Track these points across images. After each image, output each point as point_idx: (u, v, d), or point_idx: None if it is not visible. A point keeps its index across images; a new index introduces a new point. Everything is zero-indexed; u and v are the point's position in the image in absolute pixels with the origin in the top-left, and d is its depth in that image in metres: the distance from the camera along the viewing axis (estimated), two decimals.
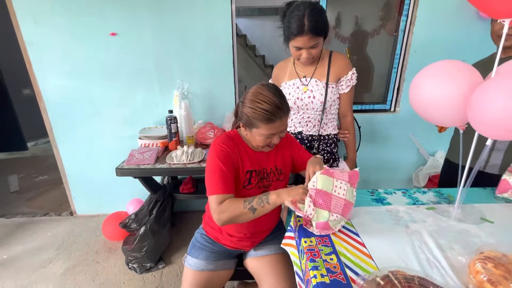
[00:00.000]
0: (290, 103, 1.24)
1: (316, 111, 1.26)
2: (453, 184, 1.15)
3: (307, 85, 1.25)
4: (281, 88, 1.33)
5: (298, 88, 1.26)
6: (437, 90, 0.82)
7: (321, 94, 1.23)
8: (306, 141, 1.32)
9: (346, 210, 0.83)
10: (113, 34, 1.84)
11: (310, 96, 1.24)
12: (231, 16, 1.86)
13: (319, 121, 1.28)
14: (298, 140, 1.27)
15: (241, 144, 0.97)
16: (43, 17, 1.79)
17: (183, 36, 1.88)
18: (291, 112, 1.28)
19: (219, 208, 0.86)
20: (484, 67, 0.91)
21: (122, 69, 1.94)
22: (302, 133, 1.31)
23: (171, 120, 1.70)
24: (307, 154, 1.07)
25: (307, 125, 1.30)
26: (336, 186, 0.82)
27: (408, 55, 2.04)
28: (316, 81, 1.24)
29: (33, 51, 1.85)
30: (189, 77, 1.95)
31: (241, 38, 5.12)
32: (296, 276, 0.85)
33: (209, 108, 2.07)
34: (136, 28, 1.85)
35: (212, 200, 0.88)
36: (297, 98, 1.26)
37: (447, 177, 1.43)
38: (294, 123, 1.32)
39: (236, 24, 1.94)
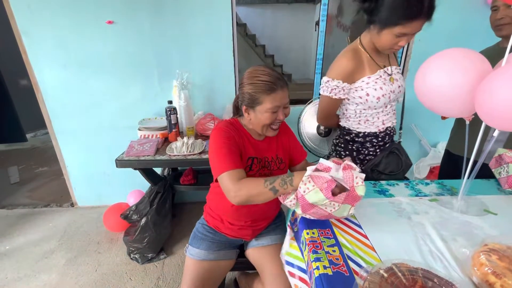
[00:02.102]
0: (384, 99, 1.06)
1: (398, 100, 1.17)
2: (453, 175, 1.15)
3: (391, 74, 1.10)
4: (364, 84, 1.06)
5: (385, 80, 1.07)
6: (444, 78, 0.79)
7: (403, 81, 1.13)
8: (392, 134, 1.21)
9: (325, 218, 0.81)
10: (109, 22, 1.79)
11: (400, 85, 1.10)
12: (231, 4, 1.81)
13: (394, 110, 1.18)
14: (387, 137, 1.17)
15: (242, 132, 0.97)
16: (38, 5, 1.74)
17: (182, 24, 1.83)
18: (379, 110, 1.11)
19: (236, 185, 0.80)
20: (490, 55, 0.88)
21: (120, 59, 1.90)
22: (390, 127, 1.18)
23: (171, 111, 1.68)
24: (301, 148, 1.11)
25: (394, 117, 1.18)
26: (326, 204, 0.74)
27: (412, 44, 2.00)
28: (396, 68, 1.12)
29: (28, 40, 1.81)
30: (189, 67, 1.91)
31: (241, 27, 5.03)
32: (287, 265, 0.85)
33: (209, 98, 2.04)
34: (133, 16, 1.80)
35: (225, 178, 0.82)
36: (391, 91, 1.07)
37: (447, 168, 1.43)
38: (383, 120, 1.13)
39: (236, 12, 1.89)
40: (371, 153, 1.18)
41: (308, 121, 1.75)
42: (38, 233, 2.01)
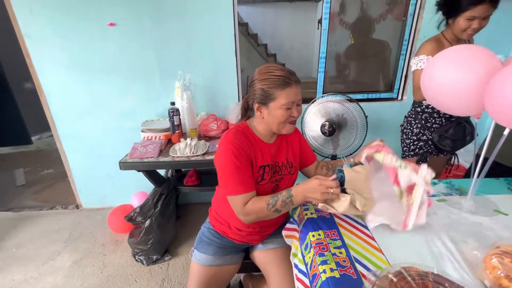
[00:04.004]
0: None
1: None
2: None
3: None
4: None
5: None
6: (451, 76, 0.77)
7: None
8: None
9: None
10: (111, 24, 1.79)
11: None
12: (232, 3, 1.79)
13: None
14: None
15: (252, 138, 0.94)
16: (40, 8, 1.74)
17: (184, 25, 1.82)
18: None
19: (244, 210, 0.88)
20: None
21: (122, 60, 1.89)
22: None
23: (174, 112, 1.67)
24: (311, 150, 1.09)
25: None
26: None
27: (417, 41, 1.96)
28: None
29: (31, 43, 1.82)
30: (191, 67, 1.90)
31: (242, 27, 5.02)
32: (294, 268, 0.84)
33: (211, 99, 2.03)
34: (135, 18, 1.79)
35: (235, 201, 0.89)
36: None
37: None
38: None
39: (237, 12, 1.88)
40: (437, 122, 1.36)
41: (312, 120, 1.74)
42: (44, 236, 2.02)
